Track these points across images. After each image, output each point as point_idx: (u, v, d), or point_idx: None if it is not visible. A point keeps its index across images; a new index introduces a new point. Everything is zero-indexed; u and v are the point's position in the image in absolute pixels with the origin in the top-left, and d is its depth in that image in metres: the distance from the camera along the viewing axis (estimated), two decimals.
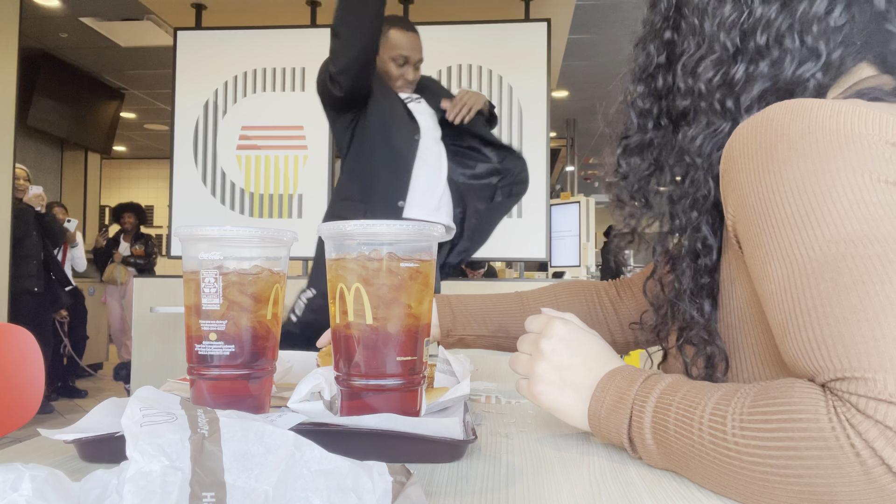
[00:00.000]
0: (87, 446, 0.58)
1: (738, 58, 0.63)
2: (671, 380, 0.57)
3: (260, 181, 4.14)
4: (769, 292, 0.52)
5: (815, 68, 0.60)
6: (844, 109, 0.50)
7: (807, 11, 0.60)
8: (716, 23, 0.65)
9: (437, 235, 0.68)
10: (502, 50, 4.04)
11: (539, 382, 0.65)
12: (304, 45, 4.15)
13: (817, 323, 0.47)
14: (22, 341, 1.26)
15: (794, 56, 0.61)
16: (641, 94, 0.74)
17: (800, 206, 0.49)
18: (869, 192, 0.47)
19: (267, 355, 0.68)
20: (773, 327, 0.52)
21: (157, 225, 9.59)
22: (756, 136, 0.54)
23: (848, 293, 0.45)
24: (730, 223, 0.58)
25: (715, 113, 0.64)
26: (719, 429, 0.49)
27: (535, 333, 0.68)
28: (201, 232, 0.65)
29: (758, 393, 0.49)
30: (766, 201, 0.52)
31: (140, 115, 7.77)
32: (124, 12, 4.86)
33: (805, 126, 0.51)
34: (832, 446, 0.43)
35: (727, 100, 0.64)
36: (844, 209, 0.47)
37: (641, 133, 0.75)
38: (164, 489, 0.35)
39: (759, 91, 0.62)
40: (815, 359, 0.47)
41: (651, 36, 0.74)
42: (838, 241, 0.47)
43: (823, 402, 0.45)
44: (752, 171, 0.53)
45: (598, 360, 0.64)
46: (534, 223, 3.98)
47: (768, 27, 0.62)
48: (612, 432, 0.60)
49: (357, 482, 0.40)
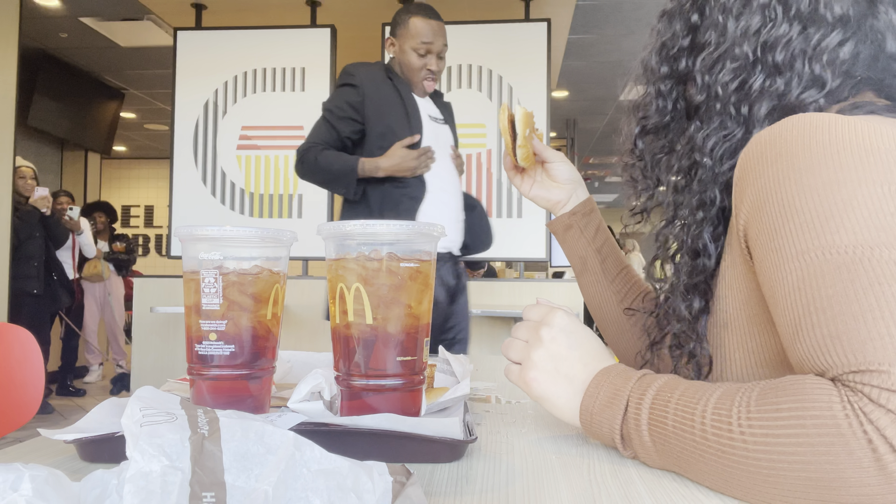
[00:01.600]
0: (87, 446, 0.58)
1: (757, 68, 0.65)
2: (667, 378, 0.58)
3: (260, 181, 4.15)
4: (782, 293, 0.53)
5: (819, 95, 0.63)
6: (862, 125, 0.52)
7: (821, 41, 0.63)
8: (740, 26, 0.67)
9: (437, 235, 0.68)
10: (502, 50, 4.04)
11: (533, 369, 0.65)
12: (304, 45, 4.15)
13: (833, 320, 0.48)
14: (22, 341, 1.26)
15: (802, 80, 0.64)
16: (663, 76, 0.76)
17: (820, 212, 0.51)
18: (887, 202, 0.49)
19: (267, 355, 0.68)
20: (783, 326, 0.53)
21: (158, 225, 9.60)
22: (776, 145, 0.56)
23: (865, 293, 0.47)
24: (741, 227, 0.59)
25: (729, 116, 0.66)
26: (724, 422, 0.49)
27: (535, 321, 0.68)
28: (201, 232, 0.65)
29: (764, 388, 0.49)
30: (785, 206, 0.53)
31: (140, 115, 7.77)
32: (124, 12, 4.86)
33: (826, 138, 0.53)
34: (845, 433, 0.44)
35: (742, 106, 0.66)
36: (863, 217, 0.49)
37: (660, 115, 0.77)
38: (164, 489, 0.35)
39: (769, 107, 0.64)
40: (828, 354, 0.48)
41: (678, 13, 0.75)
42: (856, 246, 0.48)
43: (836, 393, 0.46)
44: (771, 177, 0.55)
45: (594, 356, 0.65)
46: (534, 223, 3.98)
47: (787, 46, 0.64)
48: (605, 428, 0.60)
49: (357, 482, 0.40)
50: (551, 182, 1.00)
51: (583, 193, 1.00)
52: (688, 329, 0.68)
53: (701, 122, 0.69)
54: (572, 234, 0.99)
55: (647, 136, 0.79)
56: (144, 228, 9.62)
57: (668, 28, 0.76)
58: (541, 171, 1.02)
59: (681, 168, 0.72)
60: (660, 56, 0.77)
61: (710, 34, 0.69)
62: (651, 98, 0.77)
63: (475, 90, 4.08)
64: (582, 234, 0.98)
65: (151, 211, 9.67)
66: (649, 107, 0.78)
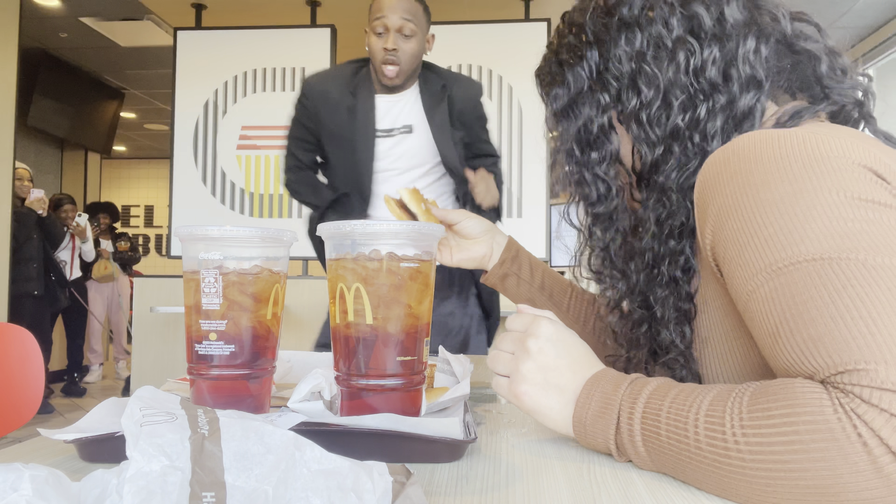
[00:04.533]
0: (87, 446, 0.58)
1: (698, 96, 0.66)
2: (657, 383, 0.57)
3: (260, 181, 4.15)
4: (755, 305, 0.53)
5: (760, 94, 0.65)
6: (810, 136, 0.54)
7: (739, 47, 0.66)
8: (665, 70, 0.67)
9: (437, 235, 0.68)
10: (502, 50, 4.04)
11: (523, 382, 0.64)
12: (304, 45, 4.15)
13: (812, 324, 0.48)
14: (22, 341, 1.26)
15: (741, 85, 0.65)
16: (595, 161, 0.73)
17: (781, 225, 0.51)
18: (845, 208, 0.50)
19: (267, 355, 0.68)
20: (761, 338, 0.53)
21: (158, 225, 9.59)
22: (729, 165, 0.57)
23: (840, 295, 0.47)
24: (707, 246, 0.60)
25: (685, 151, 0.66)
26: (717, 431, 0.49)
27: (520, 332, 0.67)
28: (201, 232, 0.65)
29: (755, 392, 0.49)
30: (746, 223, 0.54)
31: (140, 115, 7.77)
32: (124, 12, 4.86)
33: (776, 153, 0.54)
34: (839, 437, 0.43)
35: (695, 135, 0.66)
36: (825, 226, 0.50)
37: (607, 201, 0.74)
38: (164, 489, 0.35)
39: (722, 121, 0.65)
40: (811, 358, 0.47)
41: (579, 102, 0.73)
42: (822, 253, 0.49)
43: (826, 395, 0.45)
44: (729, 195, 0.56)
45: (582, 363, 0.64)
46: (533, 223, 3.98)
47: (715, 63, 0.66)
48: (599, 439, 0.59)
49: (357, 482, 0.40)
50: (467, 241, 0.99)
51: (502, 239, 1.01)
52: (680, 356, 0.68)
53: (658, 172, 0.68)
54: (511, 281, 1.00)
55: (602, 224, 0.76)
56: (144, 228, 9.61)
57: (576, 118, 0.74)
58: (451, 235, 1.00)
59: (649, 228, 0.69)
60: (582, 144, 0.74)
61: (633, 96, 0.68)
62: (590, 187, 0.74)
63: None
64: (519, 279, 1.00)
65: (151, 211, 9.67)
66: (591, 196, 0.75)
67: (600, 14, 0.71)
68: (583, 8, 0.74)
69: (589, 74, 0.72)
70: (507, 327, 0.69)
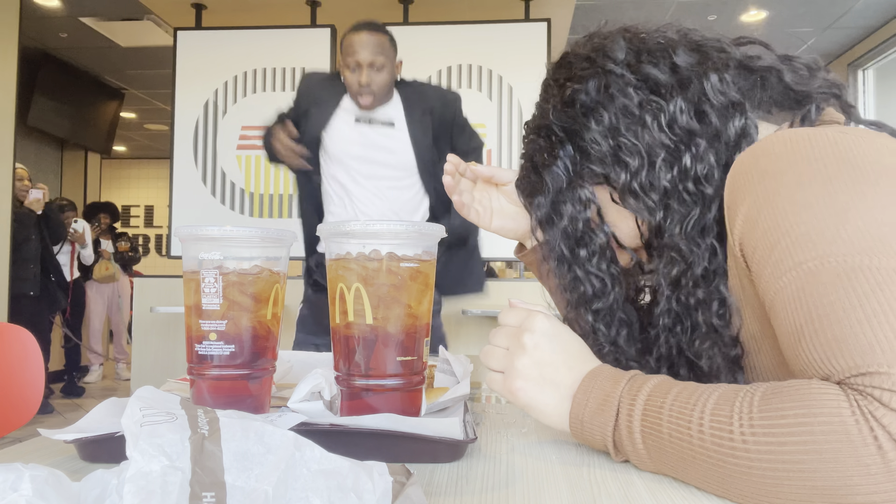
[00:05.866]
0: (87, 446, 0.58)
1: (679, 147, 0.65)
2: (658, 380, 0.57)
3: (260, 181, 4.14)
4: (781, 302, 0.53)
5: (745, 111, 0.64)
6: (840, 137, 0.54)
7: (707, 83, 0.65)
8: (642, 135, 0.65)
9: (437, 235, 0.68)
10: (502, 50, 4.04)
11: (518, 378, 0.63)
12: (304, 45, 4.15)
13: (837, 325, 0.48)
14: (22, 341, 1.26)
15: (722, 113, 0.64)
16: (585, 258, 0.71)
17: (814, 225, 0.51)
18: (878, 212, 0.50)
19: (267, 355, 0.68)
20: (784, 335, 0.53)
21: (158, 225, 9.59)
22: (760, 164, 0.56)
23: (868, 299, 0.47)
24: (737, 243, 0.59)
25: (683, 203, 0.65)
26: (724, 429, 0.49)
27: (514, 327, 0.66)
28: (201, 232, 0.65)
29: (766, 392, 0.49)
30: (779, 221, 0.53)
31: (140, 115, 7.77)
32: (124, 12, 4.86)
33: (809, 154, 0.54)
34: (854, 438, 0.43)
35: (688, 184, 0.64)
36: (858, 228, 0.50)
37: (604, 296, 0.72)
38: (164, 489, 0.35)
39: (714, 156, 0.64)
40: (832, 358, 0.48)
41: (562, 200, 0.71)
42: (853, 255, 0.49)
43: (844, 397, 0.45)
44: (760, 195, 0.55)
45: (578, 359, 0.63)
46: None
47: (687, 110, 0.65)
48: (596, 435, 0.58)
49: (357, 482, 0.40)
50: (512, 209, 0.88)
51: None
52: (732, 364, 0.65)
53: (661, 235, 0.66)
54: None
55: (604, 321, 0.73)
56: (144, 228, 9.62)
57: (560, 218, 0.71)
58: (496, 195, 0.89)
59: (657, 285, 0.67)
60: (570, 243, 0.71)
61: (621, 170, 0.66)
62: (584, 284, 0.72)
63: (475, 90, 4.07)
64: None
65: (151, 211, 9.67)
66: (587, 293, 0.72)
67: (562, 109, 0.71)
68: (542, 112, 0.74)
69: (565, 171, 0.70)
70: (500, 322, 0.67)
